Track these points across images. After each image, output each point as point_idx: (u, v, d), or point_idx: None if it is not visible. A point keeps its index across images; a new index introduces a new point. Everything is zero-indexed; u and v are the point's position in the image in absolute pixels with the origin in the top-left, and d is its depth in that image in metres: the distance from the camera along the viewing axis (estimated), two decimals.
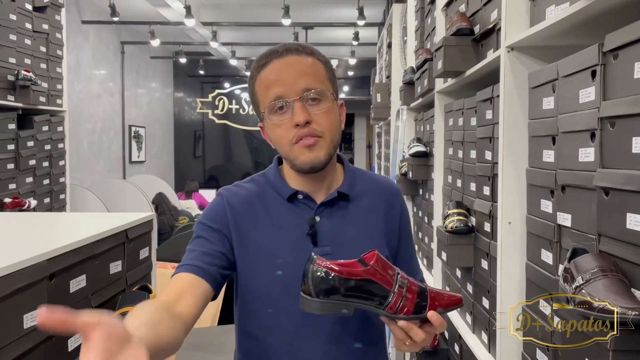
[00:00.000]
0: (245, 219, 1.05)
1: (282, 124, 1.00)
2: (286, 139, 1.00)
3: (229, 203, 1.06)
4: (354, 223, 1.07)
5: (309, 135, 0.99)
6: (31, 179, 3.53)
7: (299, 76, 1.00)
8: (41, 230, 1.49)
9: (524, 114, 1.51)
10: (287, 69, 1.00)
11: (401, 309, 0.92)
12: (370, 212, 1.10)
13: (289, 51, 1.01)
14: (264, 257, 1.03)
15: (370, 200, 1.11)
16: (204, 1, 6.79)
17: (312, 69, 1.02)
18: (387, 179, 1.21)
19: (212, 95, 9.28)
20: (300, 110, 0.98)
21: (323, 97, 1.01)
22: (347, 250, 1.02)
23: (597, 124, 1.05)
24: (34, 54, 3.57)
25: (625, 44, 0.96)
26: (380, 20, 6.81)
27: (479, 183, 1.88)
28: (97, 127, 6.88)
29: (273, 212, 1.06)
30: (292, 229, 1.04)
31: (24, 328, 1.00)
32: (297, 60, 1.01)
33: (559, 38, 1.36)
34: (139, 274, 1.54)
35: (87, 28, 6.57)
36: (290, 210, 1.06)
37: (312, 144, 0.99)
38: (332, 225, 1.05)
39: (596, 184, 1.04)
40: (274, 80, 1.00)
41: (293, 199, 1.07)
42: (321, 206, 1.06)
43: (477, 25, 1.94)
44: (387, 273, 0.92)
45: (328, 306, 0.90)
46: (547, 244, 1.31)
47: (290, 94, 0.99)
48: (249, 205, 1.07)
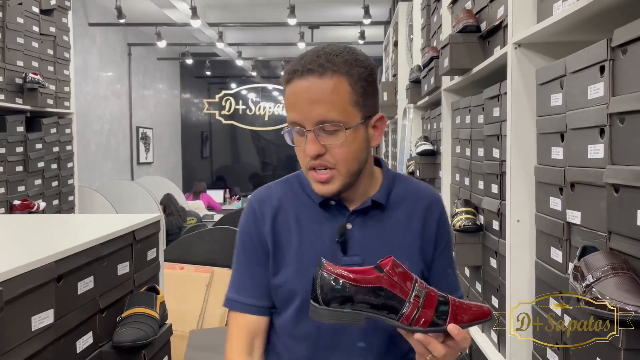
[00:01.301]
0: (277, 225, 1.03)
1: (299, 147, 0.97)
2: (303, 163, 0.98)
3: (260, 211, 1.04)
4: (388, 234, 1.02)
5: (322, 166, 0.95)
6: (40, 181, 3.55)
7: (314, 105, 0.92)
8: (49, 232, 1.49)
9: (531, 110, 1.50)
10: (303, 94, 0.93)
11: (417, 320, 0.85)
12: (405, 223, 1.04)
13: (309, 72, 0.93)
14: (296, 264, 1.00)
15: (407, 209, 1.05)
16: (209, 2, 6.80)
17: (331, 95, 0.93)
18: (427, 186, 1.14)
19: (218, 95, 9.29)
20: (312, 143, 0.93)
21: (339, 128, 0.93)
22: (377, 261, 0.97)
23: (606, 120, 1.04)
24: (42, 56, 3.59)
25: (635, 39, 0.94)
26: (386, 18, 6.79)
27: (487, 181, 1.87)
28: (104, 129, 6.92)
29: (304, 217, 1.03)
30: (323, 236, 1.01)
31: (32, 330, 1.00)
32: (315, 85, 0.92)
33: (567, 34, 1.35)
34: (146, 275, 1.54)
35: (94, 30, 6.60)
36: (322, 217, 1.02)
37: (324, 180, 0.95)
38: (364, 234, 1.01)
39: (606, 181, 1.02)
40: (292, 103, 0.95)
41: (326, 204, 1.02)
42: (353, 214, 1.02)
43: (484, 22, 1.93)
44: (403, 281, 0.86)
45: (338, 315, 0.85)
46: (557, 241, 1.30)
47: (305, 122, 0.94)
48: (280, 210, 1.04)
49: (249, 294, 1.03)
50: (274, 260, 1.02)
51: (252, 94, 9.48)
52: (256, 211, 1.04)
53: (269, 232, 1.02)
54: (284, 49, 8.57)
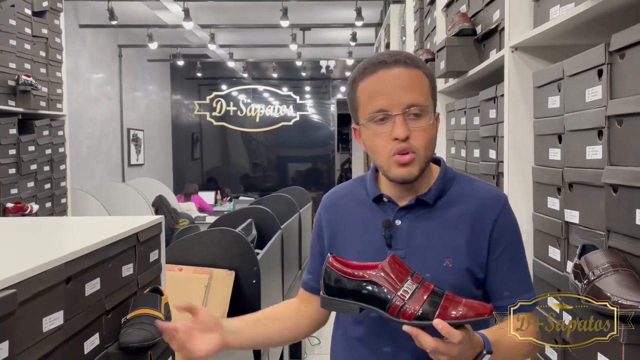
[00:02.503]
0: (334, 217, 1.15)
1: (381, 135, 1.01)
2: (384, 151, 1.02)
3: (323, 205, 1.19)
4: (434, 230, 1.05)
5: (406, 150, 1.00)
6: (32, 183, 3.53)
7: (404, 90, 1.00)
8: (54, 234, 1.50)
9: (528, 112, 1.53)
10: (393, 81, 1.00)
11: (404, 312, 0.89)
12: (455, 220, 1.05)
13: (397, 63, 1.01)
14: (345, 253, 1.05)
15: (460, 209, 1.06)
16: (202, 4, 6.79)
17: (417, 83, 1.02)
18: (490, 186, 1.14)
19: (209, 97, 9.27)
20: (401, 125, 0.99)
21: (425, 113, 1.01)
22: (419, 257, 1.03)
23: (604, 122, 1.07)
24: (34, 58, 3.57)
25: (633, 44, 0.97)
26: (377, 20, 6.83)
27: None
28: (95, 131, 6.88)
29: (358, 212, 1.12)
30: (373, 229, 1.08)
31: (43, 331, 1.01)
32: (404, 73, 1.01)
33: (564, 38, 1.38)
34: (149, 277, 1.55)
35: (84, 32, 6.57)
36: (374, 212, 1.09)
37: (406, 162, 1.00)
38: (409, 230, 1.05)
39: (605, 181, 1.05)
40: (379, 91, 1.01)
41: (379, 201, 1.10)
42: (402, 210, 1.07)
43: (479, 26, 1.96)
44: (397, 276, 0.91)
45: (335, 304, 0.94)
46: (555, 240, 1.33)
47: (393, 107, 0.99)
48: (340, 202, 1.16)
49: (309, 272, 1.22)
50: (330, 248, 1.12)
51: (243, 96, 9.47)
52: (322, 206, 1.20)
53: (327, 226, 1.16)
54: (275, 51, 8.58)
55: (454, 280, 1.02)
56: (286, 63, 9.05)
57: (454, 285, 0.99)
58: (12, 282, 0.91)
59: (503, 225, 1.06)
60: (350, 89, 1.08)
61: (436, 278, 0.97)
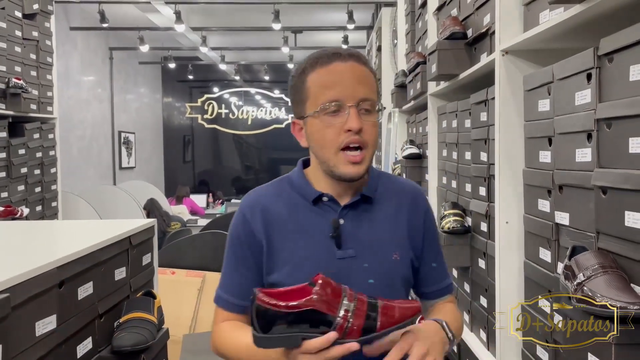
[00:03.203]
0: (269, 226, 1.06)
1: (333, 126, 1.00)
2: (334, 143, 1.01)
3: (251, 212, 1.08)
4: (378, 226, 1.07)
5: (358, 143, 1.00)
6: (23, 187, 3.51)
7: (359, 84, 1.01)
8: (47, 238, 1.49)
9: (518, 115, 1.54)
10: (349, 74, 1.01)
11: (350, 331, 0.88)
12: (393, 215, 1.09)
13: (351, 56, 1.03)
14: (290, 263, 1.03)
15: (394, 202, 1.10)
16: (193, 6, 6.78)
17: (369, 79, 1.04)
18: (410, 181, 1.22)
19: (201, 100, 9.25)
20: (355, 117, 0.99)
21: (373, 109, 1.03)
22: (370, 253, 1.04)
23: (593, 125, 1.09)
24: (24, 61, 3.55)
25: (621, 48, 0.99)
26: (369, 23, 6.85)
27: (474, 184, 1.92)
28: (86, 134, 6.84)
29: (298, 216, 1.06)
30: (317, 232, 1.05)
31: (37, 335, 1.01)
32: (358, 68, 1.02)
33: (553, 42, 1.40)
34: (142, 280, 1.55)
35: (75, 35, 6.54)
36: (315, 214, 1.06)
37: (358, 161, 1.00)
38: (355, 228, 1.06)
39: (594, 184, 1.07)
40: (334, 81, 1.01)
41: (318, 201, 1.07)
42: (345, 209, 1.06)
43: (470, 29, 1.98)
44: (332, 297, 0.88)
45: (275, 341, 0.88)
46: (545, 242, 1.34)
47: (348, 99, 1.00)
48: (272, 209, 1.07)
49: (234, 294, 1.08)
50: (268, 259, 1.06)
51: (235, 98, 9.46)
52: (246, 215, 1.08)
53: (263, 234, 1.06)
54: (267, 53, 8.59)
55: (402, 273, 1.07)
56: (278, 66, 9.06)
57: (402, 277, 1.07)
58: (5, 287, 0.91)
59: (430, 216, 1.14)
60: (298, 80, 1.05)
61: (388, 272, 1.04)
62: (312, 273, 0.93)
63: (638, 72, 0.95)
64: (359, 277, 1.02)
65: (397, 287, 1.06)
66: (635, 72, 0.95)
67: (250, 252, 1.07)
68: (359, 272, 1.03)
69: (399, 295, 1.05)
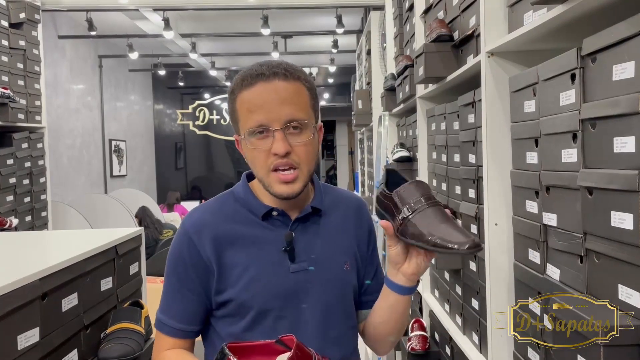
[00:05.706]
0: (219, 246, 1.02)
1: (261, 149, 0.98)
2: (264, 165, 0.99)
3: (197, 236, 1.03)
4: (328, 237, 1.07)
5: (287, 165, 0.98)
6: (12, 197, 3.48)
7: (283, 105, 0.97)
8: (30, 249, 1.47)
9: (505, 117, 1.54)
10: (271, 95, 0.97)
11: None
12: (341, 226, 1.10)
13: (275, 75, 0.98)
14: (244, 278, 1.01)
15: (341, 213, 1.12)
16: (182, 13, 6.77)
17: (297, 96, 0.99)
18: (352, 192, 1.24)
19: (192, 106, 9.23)
20: (281, 141, 0.96)
21: (305, 127, 0.99)
22: (324, 266, 1.04)
23: (578, 125, 1.08)
24: (12, 70, 3.53)
25: (603, 48, 0.99)
26: (358, 27, 6.87)
27: (464, 186, 1.91)
28: (76, 142, 6.81)
29: (246, 232, 1.03)
30: (269, 246, 1.03)
31: (19, 349, 0.99)
32: (282, 87, 0.98)
33: (538, 43, 1.40)
34: (129, 290, 1.53)
35: (63, 43, 6.51)
36: (265, 229, 1.04)
37: (290, 180, 0.98)
38: (307, 240, 1.05)
39: (580, 184, 1.06)
40: (257, 105, 0.97)
41: (268, 216, 1.05)
42: (296, 222, 1.05)
43: (456, 32, 1.98)
44: None
45: None
46: (534, 243, 1.34)
47: (273, 122, 0.97)
48: (219, 230, 1.03)
49: (176, 318, 1.04)
50: (219, 279, 1.02)
51: (226, 104, 9.45)
52: (192, 237, 1.03)
53: (212, 255, 1.02)
54: (257, 59, 8.48)
55: (353, 282, 1.09)
56: None
57: (353, 286, 1.09)
58: None
59: (372, 226, 1.17)
60: (230, 100, 1.03)
61: (342, 283, 1.06)
62: (267, 288, 0.92)
63: (621, 71, 0.95)
64: (314, 289, 1.02)
65: (348, 296, 1.08)
66: (618, 71, 0.95)
67: (195, 275, 1.02)
68: (313, 285, 1.03)
69: (349, 304, 1.07)
